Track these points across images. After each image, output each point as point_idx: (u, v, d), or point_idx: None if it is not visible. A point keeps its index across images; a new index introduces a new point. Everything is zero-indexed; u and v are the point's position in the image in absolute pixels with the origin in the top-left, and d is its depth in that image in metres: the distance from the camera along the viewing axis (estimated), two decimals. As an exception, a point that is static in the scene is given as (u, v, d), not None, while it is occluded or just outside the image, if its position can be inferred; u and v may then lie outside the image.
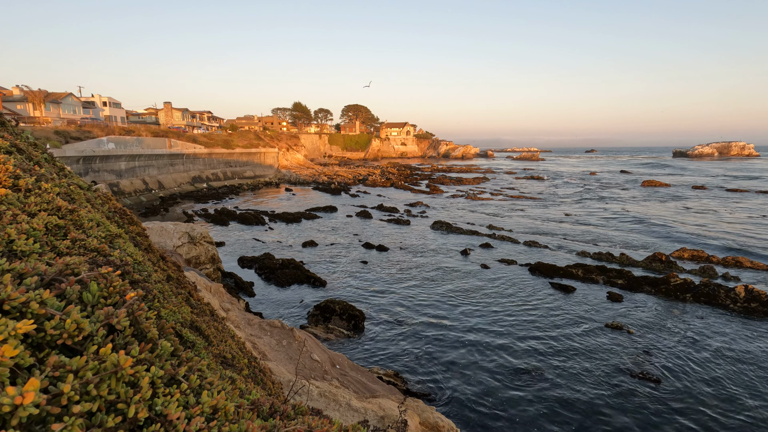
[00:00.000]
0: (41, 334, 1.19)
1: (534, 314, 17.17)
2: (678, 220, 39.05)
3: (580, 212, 44.00)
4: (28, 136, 4.26)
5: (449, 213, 43.47)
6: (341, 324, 15.65)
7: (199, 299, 5.28)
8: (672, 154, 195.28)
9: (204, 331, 3.58)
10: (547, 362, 13.39)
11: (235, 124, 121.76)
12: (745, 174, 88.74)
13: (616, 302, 18.52)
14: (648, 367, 13.02)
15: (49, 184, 2.74)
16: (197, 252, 19.12)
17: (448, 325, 16.06)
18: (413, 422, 6.20)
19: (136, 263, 2.91)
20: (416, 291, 19.86)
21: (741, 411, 11.01)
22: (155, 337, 1.51)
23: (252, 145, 79.63)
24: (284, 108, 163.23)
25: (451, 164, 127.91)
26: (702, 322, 16.39)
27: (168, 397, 1.30)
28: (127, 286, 1.62)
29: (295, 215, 38.59)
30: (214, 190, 59.18)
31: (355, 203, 49.26)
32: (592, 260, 25.31)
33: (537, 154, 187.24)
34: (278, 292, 19.69)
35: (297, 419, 1.71)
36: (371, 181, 72.54)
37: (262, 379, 4.20)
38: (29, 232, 1.90)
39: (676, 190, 62.89)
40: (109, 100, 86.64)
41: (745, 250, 27.73)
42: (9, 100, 64.66)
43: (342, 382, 9.06)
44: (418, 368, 13.04)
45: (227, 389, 1.67)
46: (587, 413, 10.90)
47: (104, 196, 5.00)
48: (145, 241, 4.90)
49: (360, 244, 28.79)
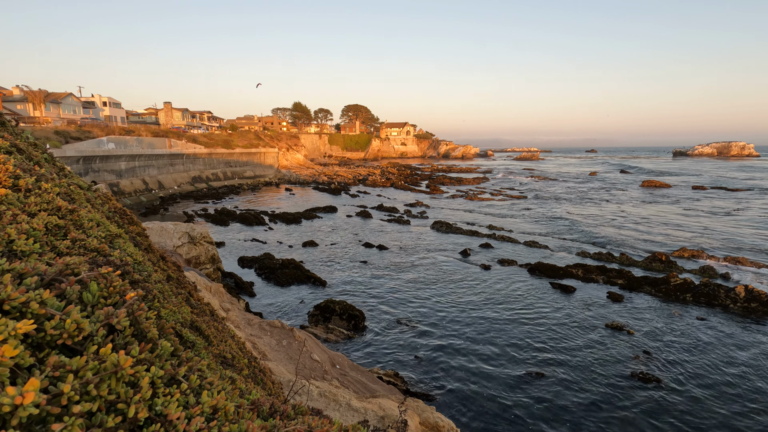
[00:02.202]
0: (41, 334, 1.19)
1: (534, 314, 17.16)
2: (678, 220, 39.05)
3: (580, 212, 44.00)
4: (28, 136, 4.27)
5: (449, 213, 43.47)
6: (341, 324, 15.65)
7: (199, 299, 5.28)
8: (672, 154, 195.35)
9: (204, 331, 3.58)
10: (547, 362, 13.39)
11: (235, 124, 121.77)
12: (745, 174, 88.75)
13: (616, 302, 18.52)
14: (648, 368, 13.02)
15: (49, 184, 2.74)
16: (197, 252, 19.12)
17: (448, 325, 16.06)
18: (413, 422, 6.20)
19: (136, 263, 2.91)
20: (416, 291, 19.86)
21: (741, 411, 11.01)
22: (155, 337, 1.51)
23: (252, 145, 79.65)
24: (284, 108, 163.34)
25: (451, 164, 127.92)
26: (702, 323, 16.39)
27: (168, 397, 1.30)
28: (127, 286, 1.62)
29: (295, 215, 38.59)
30: (214, 190, 59.18)
31: (355, 203, 49.26)
32: (592, 260, 25.32)
33: (537, 154, 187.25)
34: (278, 292, 19.69)
35: (297, 419, 1.71)
36: (371, 181, 72.55)
37: (262, 379, 4.20)
38: (29, 232, 1.90)
39: (676, 190, 62.89)
40: (109, 100, 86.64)
41: (745, 250, 27.73)
42: (9, 100, 64.66)
43: (342, 382, 9.06)
44: (418, 368, 13.04)
45: (227, 389, 1.67)
46: (587, 413, 10.90)
47: (104, 196, 5.00)
48: (145, 241, 4.90)
49: (360, 244, 28.79)
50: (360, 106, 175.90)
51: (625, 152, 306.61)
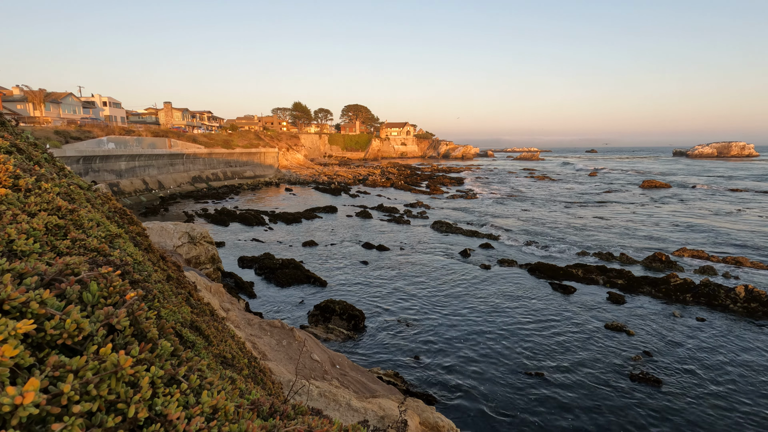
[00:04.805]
0: (41, 334, 1.19)
1: (534, 315, 17.16)
2: (678, 219, 39.04)
3: (580, 212, 43.99)
4: (28, 136, 4.26)
5: (449, 213, 43.47)
6: (341, 324, 15.65)
7: (199, 299, 5.28)
8: (672, 153, 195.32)
9: (204, 331, 3.58)
10: (547, 363, 13.39)
11: (235, 124, 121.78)
12: (745, 174, 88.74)
13: (616, 303, 18.51)
14: (648, 369, 13.02)
15: (49, 184, 2.74)
16: (197, 252, 19.12)
17: (448, 326, 16.06)
18: (413, 422, 6.20)
19: (136, 263, 2.91)
20: (416, 291, 19.86)
21: (742, 412, 11.01)
22: (155, 337, 1.51)
23: (252, 145, 79.65)
24: (284, 108, 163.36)
25: (452, 164, 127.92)
26: (702, 323, 16.38)
27: (168, 397, 1.30)
28: (127, 286, 1.62)
29: (295, 215, 38.59)
30: (214, 190, 59.17)
31: (355, 203, 49.26)
32: (592, 260, 25.31)
33: (537, 154, 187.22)
34: (278, 292, 19.69)
35: (297, 419, 1.71)
36: (371, 182, 72.55)
37: (262, 379, 4.20)
38: (29, 232, 1.90)
39: (676, 190, 62.89)
40: (109, 100, 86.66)
41: (745, 250, 27.73)
42: (9, 100, 64.66)
43: (342, 382, 9.06)
44: (418, 368, 13.04)
45: (227, 389, 1.67)
46: (586, 414, 10.90)
47: (104, 196, 5.00)
48: (145, 241, 4.90)
49: (360, 244, 28.79)
50: (360, 106, 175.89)
51: (625, 152, 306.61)
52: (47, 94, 67.88)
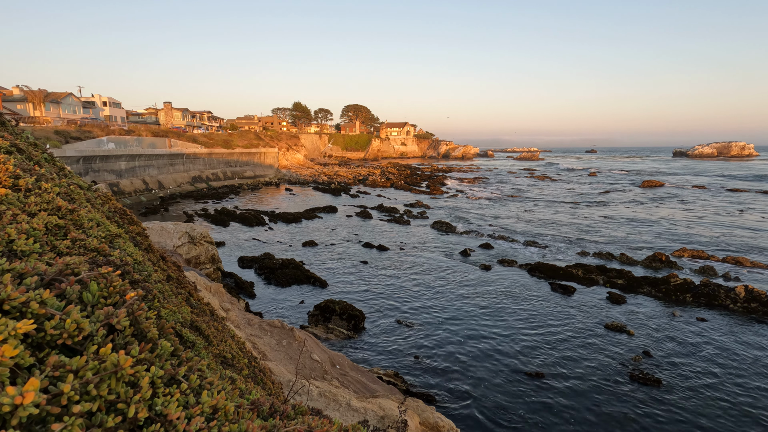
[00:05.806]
0: (41, 334, 1.19)
1: (534, 315, 17.16)
2: (678, 219, 39.05)
3: (580, 212, 43.99)
4: (28, 135, 4.26)
5: (449, 213, 43.47)
6: (341, 324, 15.64)
7: (199, 299, 5.28)
8: (672, 154, 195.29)
9: (204, 331, 3.58)
10: (547, 363, 13.39)
11: (235, 124, 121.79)
12: (745, 174, 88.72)
13: (616, 303, 18.51)
14: (648, 369, 13.02)
15: (49, 184, 2.74)
16: (197, 252, 19.12)
17: (448, 326, 16.06)
18: (413, 422, 6.20)
19: (136, 263, 2.91)
20: (416, 291, 19.86)
21: (742, 412, 11.00)
22: (155, 337, 1.51)
23: (252, 145, 79.66)
24: (284, 108, 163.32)
25: (452, 164, 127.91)
26: (702, 323, 16.38)
27: (168, 397, 1.30)
28: (127, 286, 1.62)
29: (295, 215, 38.58)
30: (214, 190, 59.17)
31: (355, 203, 49.26)
32: (593, 260, 25.31)
33: (537, 154, 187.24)
34: (278, 292, 19.69)
35: (297, 419, 1.71)
36: (371, 182, 72.55)
37: (262, 379, 4.20)
38: (29, 232, 1.90)
39: (676, 190, 62.89)
40: (109, 100, 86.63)
41: (745, 250, 27.73)
42: (9, 100, 64.65)
43: (342, 382, 9.06)
44: (418, 368, 13.04)
45: (227, 389, 1.67)
46: (586, 414, 10.90)
47: (104, 196, 5.00)
48: (145, 241, 4.90)
49: (360, 244, 28.79)
50: (360, 106, 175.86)
51: (625, 152, 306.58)
52: (47, 94, 67.86)
